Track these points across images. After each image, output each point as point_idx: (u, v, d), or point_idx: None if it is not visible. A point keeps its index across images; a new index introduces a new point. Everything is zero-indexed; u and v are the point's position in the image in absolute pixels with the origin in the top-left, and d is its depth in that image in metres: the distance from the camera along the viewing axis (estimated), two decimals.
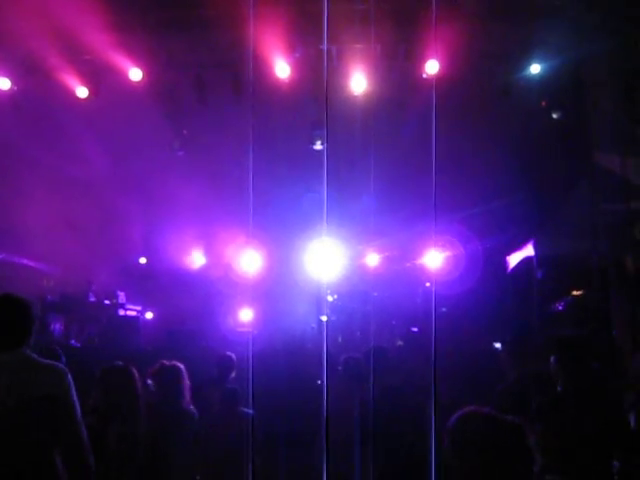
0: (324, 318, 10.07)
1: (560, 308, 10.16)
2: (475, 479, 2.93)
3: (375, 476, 5.13)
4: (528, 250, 11.04)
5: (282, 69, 9.78)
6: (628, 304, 8.78)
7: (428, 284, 10.89)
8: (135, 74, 9.99)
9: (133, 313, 12.20)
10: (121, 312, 11.95)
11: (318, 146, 10.48)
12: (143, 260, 13.15)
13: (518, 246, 11.24)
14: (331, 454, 4.93)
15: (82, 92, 10.20)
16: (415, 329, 10.21)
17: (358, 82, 9.89)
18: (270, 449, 6.00)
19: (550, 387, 4.86)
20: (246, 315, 10.64)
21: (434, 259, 10.22)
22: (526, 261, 11.12)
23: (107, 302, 11.73)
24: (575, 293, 10.32)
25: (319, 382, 6.27)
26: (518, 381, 5.35)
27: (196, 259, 12.91)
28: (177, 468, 5.26)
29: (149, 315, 12.34)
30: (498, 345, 8.44)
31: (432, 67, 9.31)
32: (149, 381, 5.39)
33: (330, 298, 11.11)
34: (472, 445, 2.96)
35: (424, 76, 9.54)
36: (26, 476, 3.70)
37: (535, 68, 9.66)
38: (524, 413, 4.14)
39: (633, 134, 9.09)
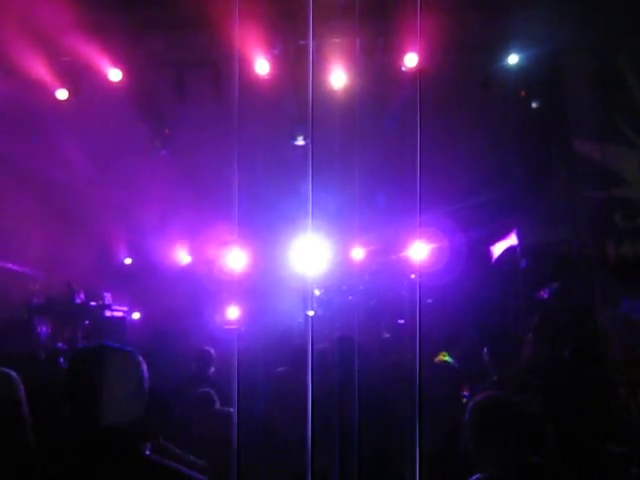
0: (311, 313, 10.09)
1: (545, 296, 10.23)
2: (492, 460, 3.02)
3: (359, 465, 5.17)
4: (512, 239, 11.11)
5: (262, 66, 9.79)
6: (611, 290, 8.86)
7: (413, 276, 10.93)
8: (114, 74, 9.97)
9: (119, 314, 12.19)
10: (107, 313, 11.94)
11: (300, 142, 10.51)
12: (129, 260, 13.12)
13: (501, 236, 11.31)
14: (316, 450, 4.95)
15: (62, 94, 10.17)
16: (401, 321, 10.25)
17: (338, 77, 9.90)
18: (256, 444, 6.02)
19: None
20: (233, 312, 10.65)
21: (419, 251, 10.26)
22: (510, 251, 11.18)
23: (93, 303, 11.71)
24: (560, 281, 10.39)
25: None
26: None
27: (181, 258, 12.90)
28: None
29: (136, 315, 12.33)
30: None
31: (411, 60, 9.35)
32: None
33: (317, 292, 11.14)
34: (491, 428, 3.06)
35: (403, 69, 9.58)
36: None
37: (513, 58, 9.72)
38: None
39: (611, 121, 9.17)
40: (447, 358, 7.38)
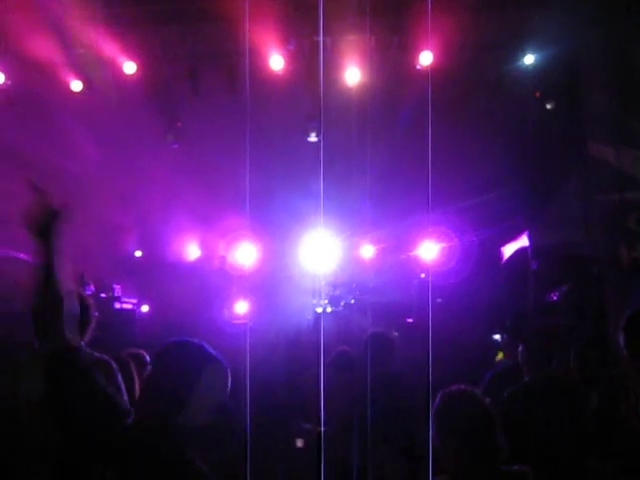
0: (319, 310, 10.08)
1: (555, 298, 10.18)
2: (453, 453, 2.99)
3: (373, 463, 5.14)
4: (523, 241, 11.05)
5: (276, 61, 9.78)
6: (622, 294, 8.81)
7: (423, 275, 10.89)
8: (129, 67, 9.99)
9: (129, 306, 12.18)
10: (117, 305, 11.94)
11: (313, 138, 10.50)
12: (139, 253, 13.13)
13: (513, 237, 11.25)
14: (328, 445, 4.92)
15: (76, 86, 10.20)
16: (410, 320, 10.22)
17: (352, 74, 9.88)
18: (267, 443, 6.00)
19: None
20: (242, 307, 10.64)
21: (429, 250, 10.23)
22: (521, 252, 11.13)
23: (103, 295, 11.70)
24: (570, 284, 10.34)
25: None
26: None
27: (191, 252, 12.90)
28: None
29: (145, 308, 12.32)
30: (497, 337, 8.48)
31: (426, 58, 9.32)
32: None
33: (327, 289, 11.11)
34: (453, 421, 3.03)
35: (418, 67, 9.55)
36: None
37: (529, 59, 9.68)
38: None
39: (626, 124, 9.11)
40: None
